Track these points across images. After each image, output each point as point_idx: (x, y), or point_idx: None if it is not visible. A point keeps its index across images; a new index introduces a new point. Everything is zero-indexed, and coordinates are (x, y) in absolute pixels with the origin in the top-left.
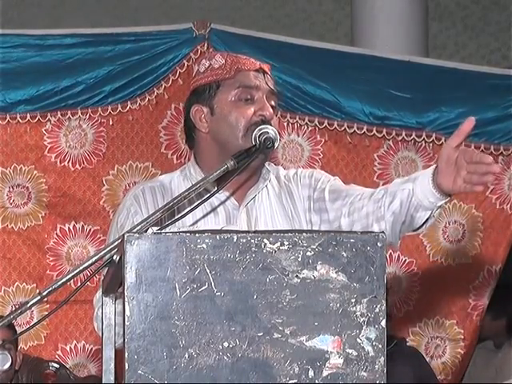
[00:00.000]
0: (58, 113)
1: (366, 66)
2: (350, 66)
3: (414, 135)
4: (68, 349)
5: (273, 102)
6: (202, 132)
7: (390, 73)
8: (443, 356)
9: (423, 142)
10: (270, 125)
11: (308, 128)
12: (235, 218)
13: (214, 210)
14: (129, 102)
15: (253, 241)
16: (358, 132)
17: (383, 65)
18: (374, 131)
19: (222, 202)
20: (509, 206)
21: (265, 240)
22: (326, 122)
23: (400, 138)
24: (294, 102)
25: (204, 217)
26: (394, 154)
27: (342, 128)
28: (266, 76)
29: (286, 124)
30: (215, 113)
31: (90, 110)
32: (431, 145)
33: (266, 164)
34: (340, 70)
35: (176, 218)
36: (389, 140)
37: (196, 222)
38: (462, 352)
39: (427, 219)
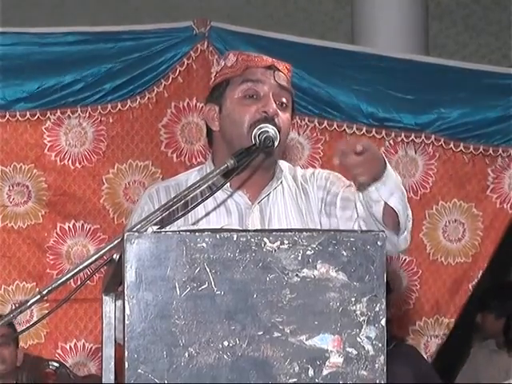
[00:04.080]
0: (58, 111)
1: (366, 66)
2: (351, 65)
3: (412, 136)
4: (68, 347)
5: (284, 99)
6: (214, 131)
7: (390, 73)
8: None
9: (422, 143)
10: (274, 122)
11: (308, 127)
12: (248, 216)
13: (227, 208)
14: (129, 100)
15: (253, 240)
16: (358, 133)
17: (383, 64)
18: (374, 132)
19: (236, 201)
20: (509, 205)
21: (265, 239)
22: (325, 122)
23: (399, 139)
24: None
25: (217, 216)
26: (394, 153)
27: (342, 129)
28: (276, 73)
29: None
30: (223, 110)
31: (89, 108)
32: (430, 146)
33: (280, 163)
34: (340, 69)
35: (176, 216)
36: (388, 141)
37: (208, 219)
38: None
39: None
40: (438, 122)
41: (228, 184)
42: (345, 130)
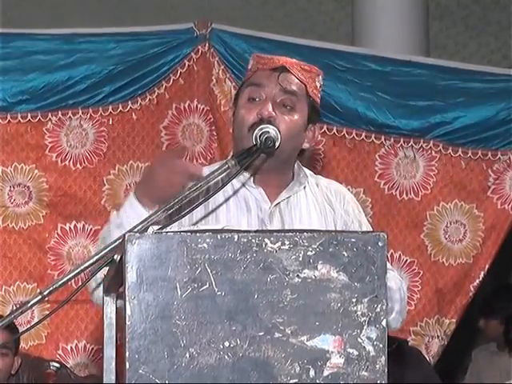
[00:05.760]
0: (59, 112)
1: (365, 69)
2: (350, 68)
3: (411, 142)
4: (69, 348)
5: (288, 102)
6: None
7: (390, 77)
8: None
9: (421, 148)
10: (272, 124)
11: None
12: (267, 215)
13: (247, 204)
14: (130, 102)
15: (254, 240)
16: (357, 138)
17: (383, 67)
18: (373, 138)
19: (256, 198)
20: (510, 206)
21: (266, 239)
22: (325, 127)
23: (398, 144)
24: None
25: (237, 211)
26: (395, 154)
27: (341, 134)
28: (282, 75)
29: None
30: (235, 112)
31: (90, 110)
32: (429, 150)
33: (304, 169)
34: (340, 73)
35: (181, 214)
36: (387, 146)
37: (229, 215)
38: None
39: None
40: (436, 128)
41: (252, 180)
42: (344, 135)
